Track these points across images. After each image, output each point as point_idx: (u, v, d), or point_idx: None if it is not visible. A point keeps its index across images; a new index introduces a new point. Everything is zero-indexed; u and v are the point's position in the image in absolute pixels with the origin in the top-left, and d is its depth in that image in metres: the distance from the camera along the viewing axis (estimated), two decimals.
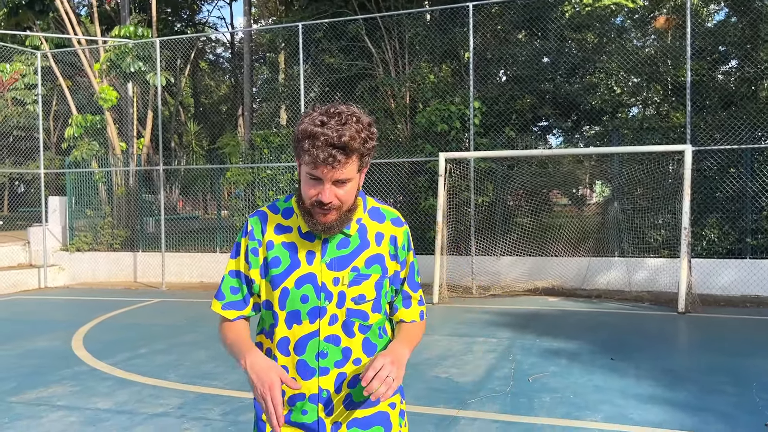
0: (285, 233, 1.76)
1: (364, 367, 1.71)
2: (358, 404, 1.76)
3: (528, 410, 4.78)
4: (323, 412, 1.73)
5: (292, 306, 1.73)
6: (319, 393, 1.73)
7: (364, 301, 1.76)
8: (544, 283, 10.62)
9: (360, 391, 1.72)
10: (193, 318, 9.00)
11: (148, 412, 4.90)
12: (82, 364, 6.43)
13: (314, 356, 1.72)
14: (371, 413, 1.78)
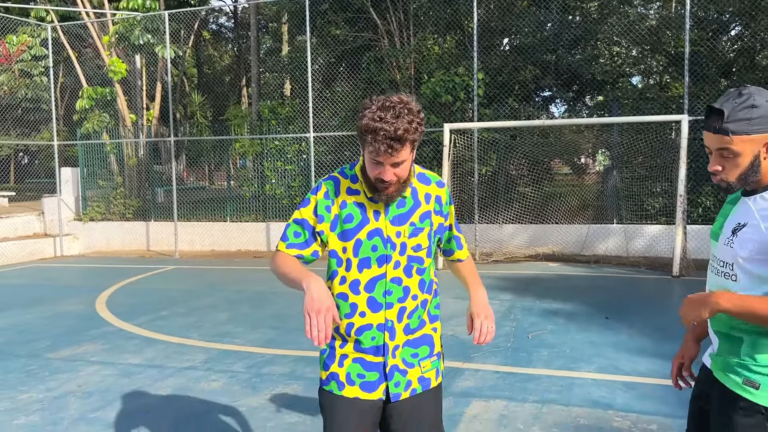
0: (354, 195, 2.18)
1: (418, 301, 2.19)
2: (413, 330, 2.20)
3: (527, 363, 5.18)
4: (388, 338, 2.14)
5: (365, 254, 2.14)
6: (385, 323, 2.14)
7: (420, 249, 2.18)
8: (544, 249, 11.00)
9: (415, 320, 2.18)
10: (209, 283, 9.41)
11: (176, 366, 5.32)
12: (108, 325, 6.86)
13: (381, 294, 2.13)
14: (420, 335, 2.21)
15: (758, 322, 1.86)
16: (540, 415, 4.09)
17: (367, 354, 2.16)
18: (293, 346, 5.83)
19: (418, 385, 2.19)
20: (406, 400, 2.17)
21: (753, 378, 1.95)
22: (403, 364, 2.16)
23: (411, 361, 2.18)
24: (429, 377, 2.22)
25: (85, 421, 4.17)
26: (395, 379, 2.15)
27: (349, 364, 2.15)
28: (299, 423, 4.05)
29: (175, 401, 4.49)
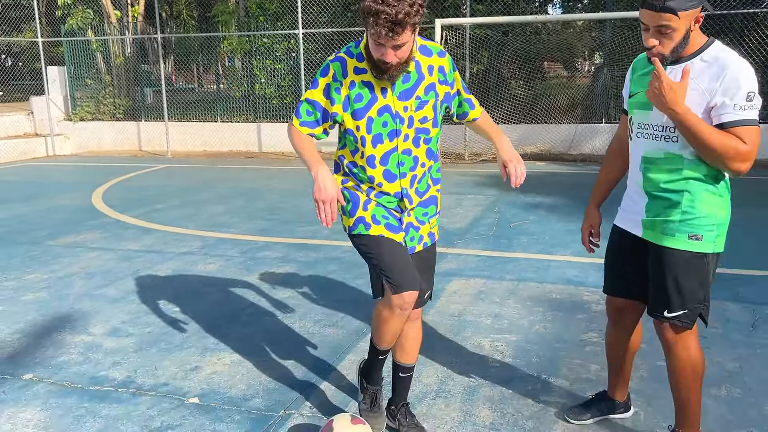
0: (362, 74, 2.28)
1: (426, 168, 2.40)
2: (423, 193, 2.44)
3: (507, 248, 5.47)
4: (406, 203, 2.40)
5: (376, 130, 2.29)
6: (401, 191, 2.36)
7: (427, 121, 2.33)
8: (532, 148, 11.15)
9: (423, 184, 2.41)
10: (203, 180, 9.58)
11: (174, 251, 5.58)
12: (105, 216, 7.07)
13: (395, 165, 2.33)
14: (428, 197, 2.47)
15: (698, 143, 2.07)
16: (516, 290, 4.39)
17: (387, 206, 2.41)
18: (286, 235, 6.08)
19: (428, 239, 2.51)
20: (420, 252, 2.48)
21: (696, 232, 2.19)
22: (416, 222, 2.46)
23: (422, 219, 2.47)
24: (434, 232, 2.54)
25: (90, 296, 4.45)
26: (410, 234, 2.45)
27: (373, 208, 2.37)
28: (292, 297, 4.34)
29: (174, 281, 4.76)
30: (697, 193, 2.18)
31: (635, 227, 2.35)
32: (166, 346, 3.59)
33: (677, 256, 2.21)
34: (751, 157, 2.05)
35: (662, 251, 2.24)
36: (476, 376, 3.15)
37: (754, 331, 3.60)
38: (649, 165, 2.25)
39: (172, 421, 2.80)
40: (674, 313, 2.25)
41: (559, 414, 2.77)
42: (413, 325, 2.56)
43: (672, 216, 2.21)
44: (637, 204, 2.33)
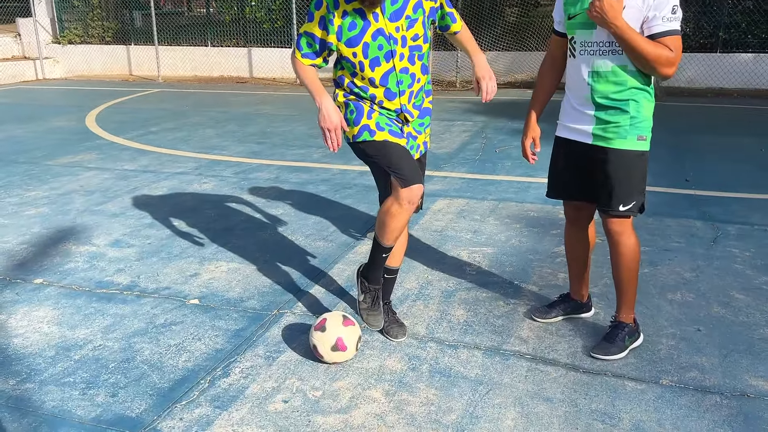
0: (352, 2, 2.41)
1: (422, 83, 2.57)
2: (419, 106, 2.62)
3: (491, 171, 5.68)
4: (407, 117, 2.57)
5: (373, 54, 2.44)
6: (401, 107, 2.54)
7: (418, 38, 2.49)
8: (523, 75, 11.19)
9: (419, 98, 2.59)
10: (195, 104, 9.64)
11: (169, 171, 5.76)
12: (100, 138, 7.20)
13: (395, 84, 2.49)
14: (423, 108, 2.66)
15: (635, 54, 2.34)
16: (496, 209, 4.63)
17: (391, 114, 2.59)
18: (277, 158, 6.26)
19: (423, 147, 2.72)
20: (417, 160, 2.67)
21: (642, 133, 2.51)
22: (414, 131, 2.64)
23: (419, 129, 2.66)
24: (427, 141, 2.75)
25: (90, 212, 4.66)
26: (410, 143, 2.63)
27: (377, 116, 2.53)
28: (284, 214, 4.57)
29: (170, 198, 4.97)
30: (641, 100, 2.47)
31: (583, 137, 2.57)
32: (166, 256, 3.83)
33: (628, 156, 2.50)
34: (676, 62, 2.34)
35: (614, 153, 2.50)
36: (453, 283, 3.42)
37: (714, 246, 3.87)
38: (597, 78, 2.46)
39: (174, 318, 3.07)
40: (627, 206, 2.55)
41: (527, 314, 3.06)
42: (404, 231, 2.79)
43: (622, 122, 2.47)
44: (584, 116, 2.54)
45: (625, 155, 2.50)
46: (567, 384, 2.50)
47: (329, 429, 2.26)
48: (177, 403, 2.41)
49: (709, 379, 2.51)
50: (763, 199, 4.80)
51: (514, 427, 2.26)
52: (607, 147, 2.51)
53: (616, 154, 2.50)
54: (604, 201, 2.59)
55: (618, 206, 2.56)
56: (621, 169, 2.51)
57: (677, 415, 2.30)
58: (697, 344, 2.77)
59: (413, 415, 2.33)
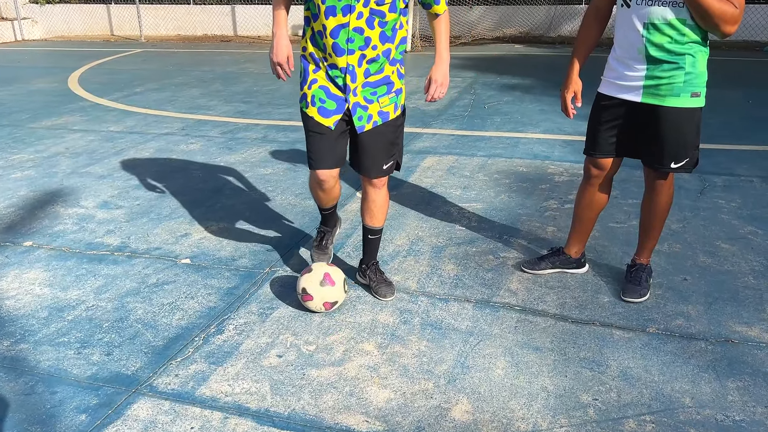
0: None
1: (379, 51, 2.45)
2: (373, 73, 2.50)
3: (480, 127, 5.66)
4: (349, 80, 2.46)
5: (331, 2, 2.36)
6: (346, 66, 2.44)
7: (383, 4, 2.38)
8: (512, 30, 11.06)
9: (375, 65, 2.47)
10: (179, 64, 9.47)
11: (155, 132, 5.70)
12: (84, 100, 7.08)
13: (345, 41, 2.40)
14: (380, 78, 2.52)
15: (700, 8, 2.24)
16: (485, 165, 4.63)
17: (333, 85, 2.50)
18: (264, 117, 6.20)
19: (378, 118, 2.56)
20: (370, 131, 2.56)
21: (697, 89, 2.44)
22: (363, 101, 2.51)
23: (371, 98, 2.52)
24: (387, 110, 2.57)
25: (77, 174, 4.61)
26: (358, 113, 2.52)
27: (315, 89, 2.50)
28: (273, 174, 4.55)
29: (158, 159, 4.93)
30: (697, 54, 2.39)
31: (632, 94, 2.50)
32: (156, 217, 3.82)
33: (681, 113, 2.45)
34: (739, 20, 2.27)
35: (666, 111, 2.45)
36: (443, 239, 3.44)
37: (701, 197, 3.91)
38: (653, 31, 2.37)
39: (166, 278, 3.08)
40: (680, 163, 2.53)
41: (517, 266, 3.09)
42: (379, 193, 2.75)
43: (677, 78, 2.40)
44: (634, 71, 2.46)
45: (678, 113, 2.44)
46: (556, 334, 2.55)
47: (323, 382, 2.30)
48: (172, 360, 2.44)
49: (694, 327, 2.57)
50: (749, 150, 4.82)
51: (505, 375, 2.30)
52: (658, 105, 2.45)
53: (669, 113, 2.44)
54: (654, 159, 2.55)
55: (669, 164, 2.53)
56: (673, 128, 2.46)
57: (663, 361, 2.36)
58: (684, 293, 2.82)
59: (406, 366, 2.38)
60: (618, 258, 3.16)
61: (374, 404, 2.18)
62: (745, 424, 2.04)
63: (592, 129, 2.73)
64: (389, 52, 2.49)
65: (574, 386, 2.24)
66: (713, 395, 2.18)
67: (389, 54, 2.49)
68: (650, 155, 2.57)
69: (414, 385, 2.27)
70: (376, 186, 2.74)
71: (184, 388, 2.28)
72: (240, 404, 2.19)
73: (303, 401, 2.20)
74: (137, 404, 2.20)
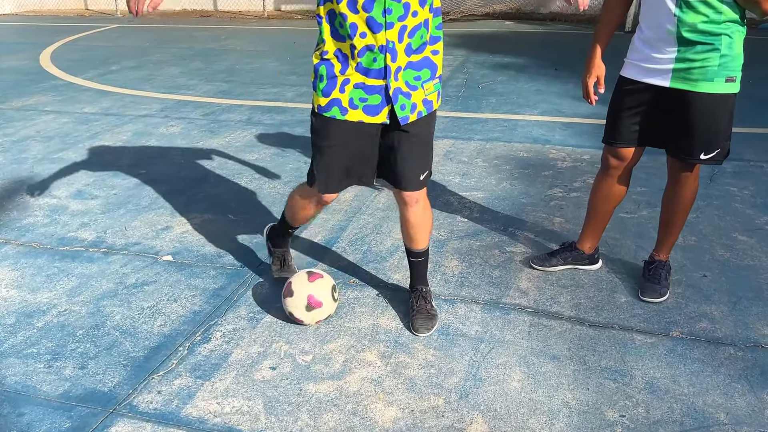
0: None
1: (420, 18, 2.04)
2: (415, 51, 2.09)
3: (476, 109, 5.42)
4: (389, 60, 2.05)
5: None
6: (386, 44, 2.02)
7: None
8: (502, 6, 10.76)
9: (417, 39, 2.06)
10: (156, 41, 9.07)
11: (133, 114, 5.38)
12: (56, 79, 6.71)
13: (380, 13, 1.99)
14: (422, 57, 2.12)
15: None
16: (484, 150, 4.40)
17: (369, 78, 2.09)
18: (248, 97, 5.89)
19: (423, 107, 2.18)
20: (414, 123, 2.17)
21: (732, 74, 2.21)
22: (406, 87, 2.11)
23: (414, 83, 2.13)
24: (432, 99, 2.20)
25: (49, 160, 4.31)
26: (400, 102, 2.12)
27: (351, 89, 2.10)
28: (260, 159, 4.29)
29: (136, 143, 4.63)
30: (734, 35, 2.16)
31: (659, 78, 2.28)
32: (134, 208, 3.55)
33: (714, 100, 2.22)
34: None
35: (697, 97, 2.22)
36: (445, 231, 3.22)
37: (711, 184, 3.72)
38: (686, 9, 2.13)
39: (146, 278, 2.83)
40: (710, 154, 2.31)
41: (525, 262, 2.89)
42: (411, 211, 2.33)
43: (711, 61, 2.17)
44: (663, 53, 2.23)
45: (710, 99, 2.21)
46: (573, 339, 2.35)
47: (323, 398, 2.09)
48: (154, 373, 2.21)
49: (720, 330, 2.39)
50: (755, 133, 4.65)
51: (522, 389, 2.11)
52: (689, 90, 2.22)
53: (700, 99, 2.21)
54: (682, 149, 2.34)
55: (699, 155, 2.31)
56: (705, 116, 2.23)
57: (691, 371, 2.17)
58: (705, 291, 2.64)
59: (413, 379, 2.17)
60: (632, 252, 2.97)
61: (380, 424, 1.97)
62: None
63: (613, 116, 2.50)
64: (428, 22, 2.09)
65: (597, 401, 2.05)
66: (749, 410, 2.00)
67: (428, 24, 2.09)
68: (677, 145, 2.36)
69: (423, 402, 2.06)
70: (410, 203, 2.30)
71: (167, 407, 2.05)
72: (231, 426, 1.98)
73: (301, 422, 1.99)
74: (115, 427, 1.97)
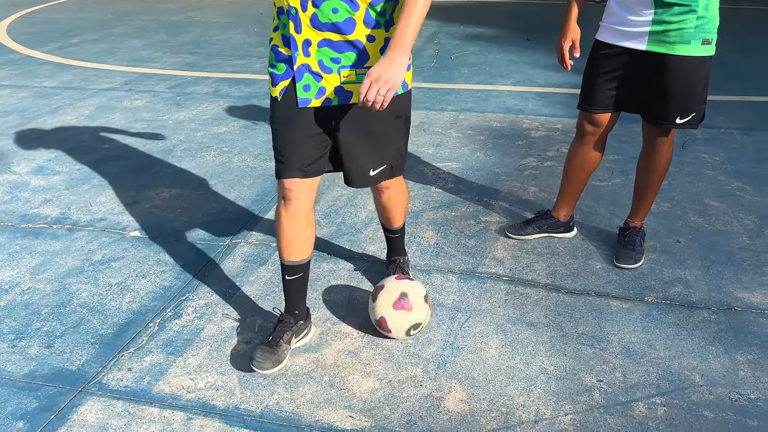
0: None
1: None
2: (328, 27, 1.75)
3: (448, 79, 5.36)
4: (293, 30, 1.77)
5: None
6: (288, 9, 1.76)
7: None
8: None
9: (342, 15, 1.74)
10: (119, 13, 8.77)
11: (95, 87, 5.20)
12: (13, 52, 6.45)
13: None
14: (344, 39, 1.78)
15: None
16: (457, 120, 4.36)
17: (282, 44, 1.84)
18: (215, 69, 5.74)
19: (334, 96, 1.83)
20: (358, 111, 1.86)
21: (708, 36, 2.18)
22: (318, 67, 1.80)
23: (330, 65, 1.79)
24: (350, 90, 1.83)
25: (7, 135, 4.14)
26: (305, 80, 1.81)
27: (272, 53, 1.88)
28: (227, 132, 4.18)
29: (99, 118, 4.48)
30: None
31: (636, 42, 2.24)
32: (99, 183, 3.44)
33: (691, 63, 2.20)
34: None
35: (674, 60, 2.20)
36: (419, 202, 3.19)
37: (683, 151, 3.74)
38: None
39: (114, 254, 2.74)
40: (686, 118, 2.29)
41: (500, 232, 2.87)
42: (383, 196, 2.19)
43: (688, 23, 2.14)
44: (640, 15, 2.20)
45: (687, 62, 2.18)
46: (549, 307, 2.35)
47: (299, 371, 2.05)
48: (123, 351, 2.14)
49: (694, 294, 2.41)
50: (725, 101, 4.68)
51: (499, 357, 2.10)
52: (666, 53, 2.19)
53: (677, 61, 2.19)
54: (657, 113, 2.32)
55: (675, 119, 2.29)
56: (681, 79, 2.21)
57: (666, 334, 2.19)
58: (678, 257, 2.66)
59: (390, 349, 2.14)
60: (606, 219, 2.97)
61: (358, 396, 1.95)
62: (761, 403, 1.89)
63: (589, 81, 2.47)
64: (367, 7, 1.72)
65: (575, 366, 2.05)
66: (723, 371, 2.02)
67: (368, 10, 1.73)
68: (654, 109, 2.33)
69: (401, 372, 2.04)
70: (383, 189, 2.16)
71: (138, 384, 1.99)
72: (205, 402, 1.93)
73: (277, 395, 1.95)
74: (84, 406, 1.91)
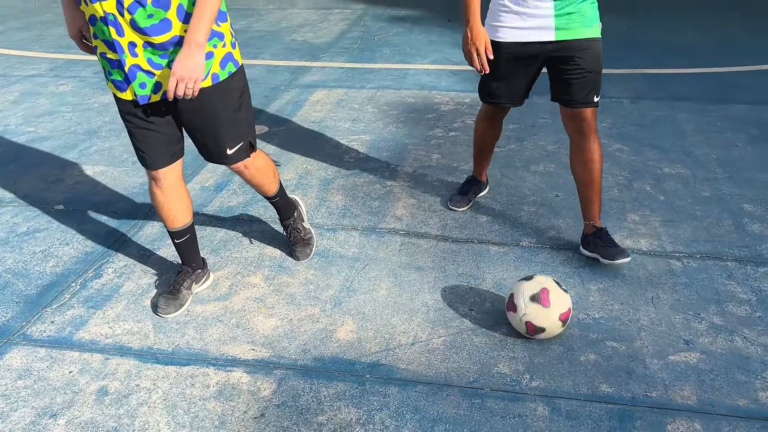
0: None
1: None
2: (155, 30, 1.87)
3: (370, 60, 5.62)
4: (116, 34, 1.86)
5: None
6: (105, 16, 1.84)
7: None
8: None
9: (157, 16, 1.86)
10: (45, 1, 8.67)
11: (20, 74, 5.25)
12: None
13: None
14: (167, 39, 1.89)
15: None
16: (374, 97, 4.63)
17: (109, 50, 1.93)
18: None
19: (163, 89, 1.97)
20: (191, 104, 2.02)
21: (598, 19, 2.37)
22: (148, 65, 1.92)
23: (159, 62, 1.92)
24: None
25: None
26: (139, 79, 1.93)
27: (101, 60, 1.98)
28: None
29: (23, 103, 4.56)
30: None
31: (543, 34, 2.33)
32: (24, 164, 3.57)
33: (596, 44, 2.36)
34: None
35: (584, 44, 2.32)
36: (332, 171, 3.45)
37: None
38: None
39: (38, 225, 2.91)
40: (599, 95, 2.42)
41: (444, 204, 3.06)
42: (243, 174, 2.34)
43: (586, 9, 2.31)
44: (539, 9, 2.29)
45: (594, 44, 2.35)
46: (437, 253, 2.65)
47: (209, 316, 2.29)
48: (47, 307, 2.34)
49: (564, 238, 2.75)
50: (622, 73, 5.09)
51: (388, 295, 2.39)
52: (574, 39, 2.31)
53: (586, 44, 2.32)
54: (577, 96, 2.39)
55: (593, 97, 2.40)
56: (593, 60, 2.35)
57: (534, 270, 2.52)
58: (556, 209, 3.00)
59: (293, 294, 2.41)
60: (497, 180, 3.30)
61: (260, 333, 2.21)
62: (603, 320, 2.24)
63: (491, 82, 2.53)
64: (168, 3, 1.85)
65: (452, 299, 2.36)
66: (577, 297, 2.36)
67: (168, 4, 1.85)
68: (575, 93, 2.40)
69: (300, 312, 2.31)
70: (241, 170, 2.30)
71: (60, 333, 2.20)
72: (121, 345, 2.15)
73: (188, 336, 2.19)
74: (9, 354, 2.11)
